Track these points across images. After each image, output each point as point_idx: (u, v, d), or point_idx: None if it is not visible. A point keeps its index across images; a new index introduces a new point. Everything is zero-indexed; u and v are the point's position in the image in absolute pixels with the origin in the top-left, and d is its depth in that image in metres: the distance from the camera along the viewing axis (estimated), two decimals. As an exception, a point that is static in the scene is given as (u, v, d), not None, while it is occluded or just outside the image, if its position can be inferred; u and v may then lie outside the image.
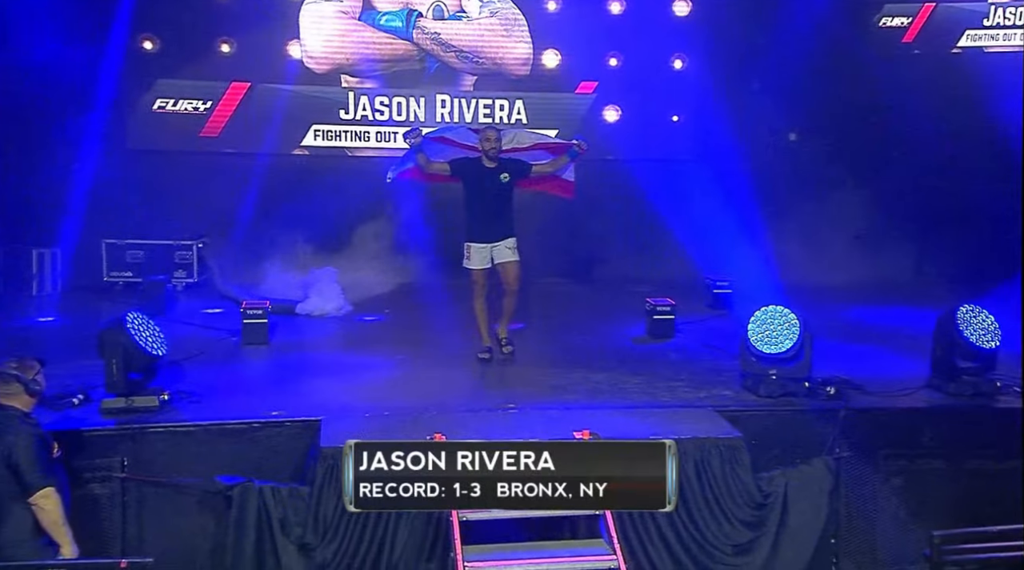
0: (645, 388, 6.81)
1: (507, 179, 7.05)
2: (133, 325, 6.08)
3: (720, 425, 6.04)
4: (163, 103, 10.47)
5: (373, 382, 6.92)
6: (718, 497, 5.80)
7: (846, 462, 6.10)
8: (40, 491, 4.51)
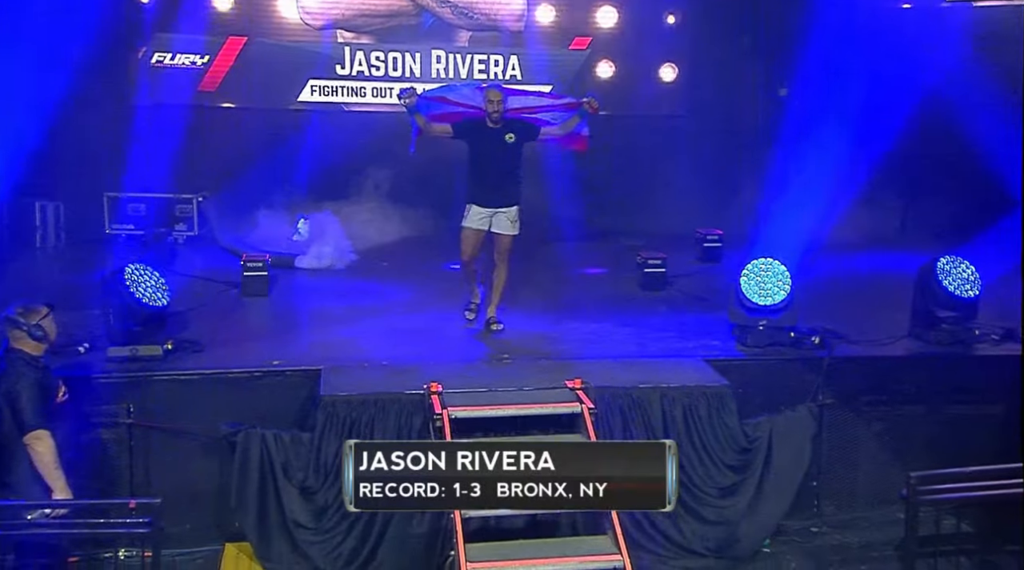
0: (636, 339, 7.00)
1: (512, 140, 6.65)
2: (131, 277, 6.22)
3: (707, 374, 6.25)
4: (160, 57, 10.52)
5: (371, 333, 7.08)
6: (705, 442, 6.01)
7: (829, 408, 6.34)
8: (32, 433, 4.61)
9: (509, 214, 6.76)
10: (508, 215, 6.75)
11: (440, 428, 5.48)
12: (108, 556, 5.62)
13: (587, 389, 5.76)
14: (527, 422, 5.59)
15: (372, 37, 11.05)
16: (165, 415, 5.92)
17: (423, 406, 5.71)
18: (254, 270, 8.05)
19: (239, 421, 5.80)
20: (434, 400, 5.64)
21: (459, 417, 5.51)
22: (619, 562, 4.81)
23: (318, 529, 5.69)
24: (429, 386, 5.73)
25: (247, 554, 5.81)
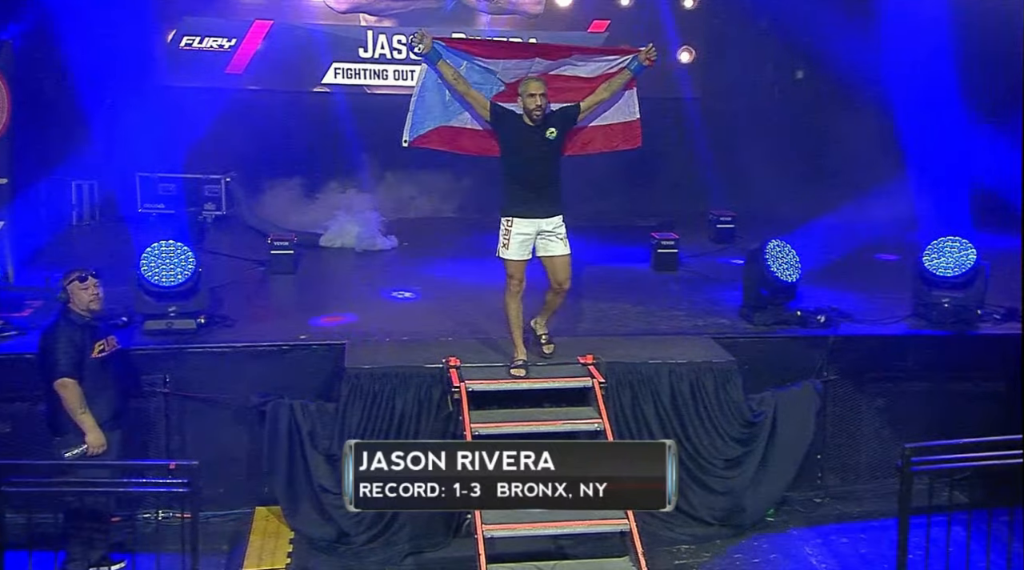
0: (647, 317, 7.25)
1: (555, 135, 5.61)
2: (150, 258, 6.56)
3: (715, 350, 6.49)
4: (189, 40, 10.82)
5: (393, 311, 7.38)
6: (711, 415, 6.26)
7: (832, 385, 6.58)
8: (58, 380, 5.16)
9: (556, 228, 5.73)
10: (556, 229, 5.73)
11: (458, 400, 5.78)
12: (148, 516, 6.04)
13: (598, 364, 6.03)
14: (540, 395, 5.86)
15: (394, 20, 11.28)
16: (199, 385, 6.25)
17: (442, 379, 5.99)
18: (281, 249, 8.36)
19: (268, 391, 6.12)
20: (452, 374, 5.93)
21: (476, 390, 5.80)
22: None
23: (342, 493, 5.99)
24: (448, 360, 6.02)
25: (276, 516, 6.17)
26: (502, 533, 5.10)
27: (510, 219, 5.67)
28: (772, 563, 5.89)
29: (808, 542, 6.11)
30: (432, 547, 5.98)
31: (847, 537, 6.15)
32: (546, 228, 5.71)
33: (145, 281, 6.53)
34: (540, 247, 5.74)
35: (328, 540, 6.00)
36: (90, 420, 5.17)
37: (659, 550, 5.79)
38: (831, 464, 6.64)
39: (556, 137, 5.62)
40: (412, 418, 6.04)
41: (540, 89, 5.53)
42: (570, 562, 5.26)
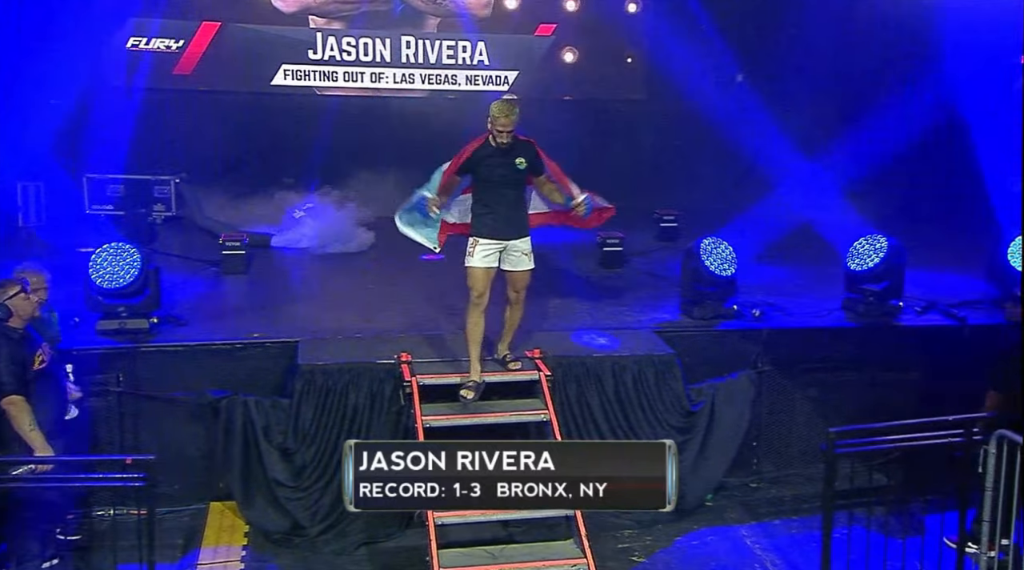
0: (593, 312, 7.50)
1: (523, 166, 5.71)
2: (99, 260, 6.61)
3: (656, 344, 6.79)
4: (136, 41, 10.79)
5: (345, 308, 7.51)
6: (653, 406, 6.55)
7: (767, 375, 6.91)
8: (7, 398, 4.99)
9: (524, 246, 5.82)
10: (523, 247, 5.82)
11: (409, 395, 5.97)
12: (102, 513, 6.11)
13: (545, 358, 6.28)
14: (489, 388, 6.07)
15: (343, 23, 11.39)
16: (153, 384, 6.33)
17: (394, 374, 6.17)
18: (232, 249, 8.44)
19: (223, 389, 6.23)
20: (404, 369, 6.12)
21: (427, 384, 6.00)
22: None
23: (297, 487, 6.16)
24: (399, 356, 6.22)
25: (231, 511, 6.29)
26: (453, 520, 5.30)
27: (475, 240, 5.76)
28: (710, 545, 6.20)
29: (744, 524, 6.43)
30: (385, 537, 6.16)
31: (780, 518, 6.50)
32: (512, 247, 5.80)
33: (92, 283, 6.58)
34: (505, 261, 5.81)
35: (283, 532, 6.14)
36: (40, 438, 5.03)
37: (603, 534, 6.04)
38: (766, 451, 6.97)
39: (524, 167, 5.72)
40: (365, 413, 6.21)
41: (509, 126, 5.58)
42: (518, 546, 5.47)
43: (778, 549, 6.14)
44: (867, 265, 7.25)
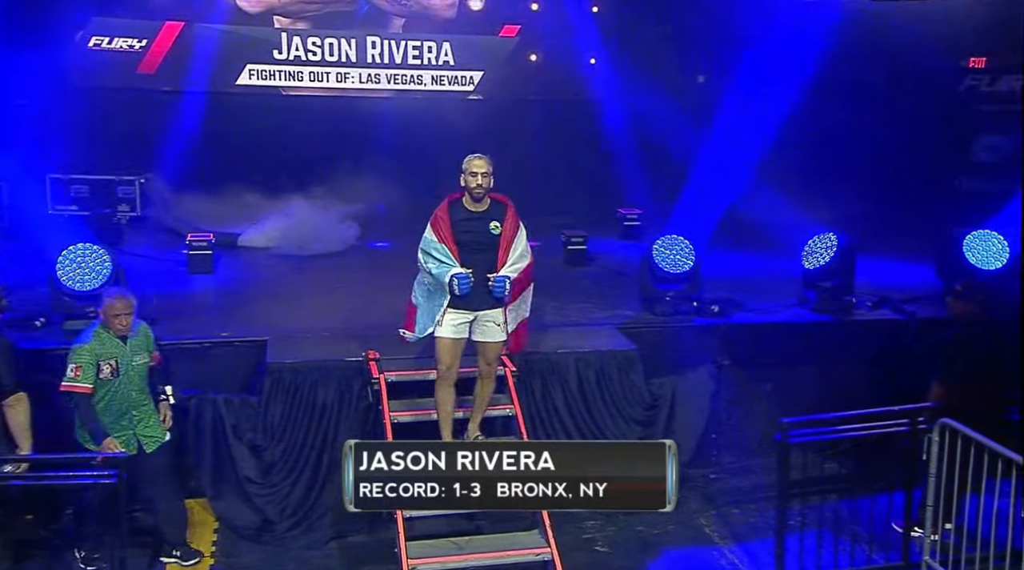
0: (559, 309, 7.66)
1: (498, 231, 5.30)
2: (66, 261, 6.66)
3: (619, 340, 6.98)
4: (98, 40, 10.74)
5: (313, 307, 7.59)
6: (615, 399, 6.73)
7: (726, 369, 7.12)
8: (15, 395, 5.22)
9: (496, 316, 5.39)
10: (494, 317, 5.39)
11: (377, 391, 6.08)
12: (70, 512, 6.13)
13: (510, 355, 6.41)
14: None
15: (308, 23, 11.44)
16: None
17: (362, 371, 6.28)
18: (199, 249, 8.48)
19: (192, 387, 6.28)
20: (372, 366, 6.22)
21: (394, 381, 6.11)
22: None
23: (266, 483, 6.24)
24: (367, 353, 6.31)
25: (202, 507, 6.35)
26: (420, 514, 5.37)
27: (443, 309, 5.32)
28: (671, 534, 6.38)
29: (703, 514, 6.62)
30: (354, 532, 6.26)
31: (738, 508, 6.70)
32: (485, 316, 5.38)
33: (61, 285, 6.60)
34: (476, 331, 5.40)
35: (252, 528, 6.22)
36: (29, 439, 5.27)
37: (567, 525, 6.18)
38: (725, 442, 7.17)
39: (500, 232, 5.31)
40: (333, 409, 6.32)
41: (483, 167, 5.25)
42: (484, 537, 5.59)
43: (736, 537, 6.34)
44: (820, 263, 7.51)
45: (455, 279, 5.18)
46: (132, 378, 5.50)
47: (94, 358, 5.36)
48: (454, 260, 5.25)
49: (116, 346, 5.45)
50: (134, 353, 5.51)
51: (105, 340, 5.43)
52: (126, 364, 5.46)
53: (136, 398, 5.53)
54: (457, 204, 5.37)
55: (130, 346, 5.51)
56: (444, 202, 5.39)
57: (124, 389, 5.47)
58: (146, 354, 5.59)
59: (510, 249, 5.33)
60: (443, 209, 5.36)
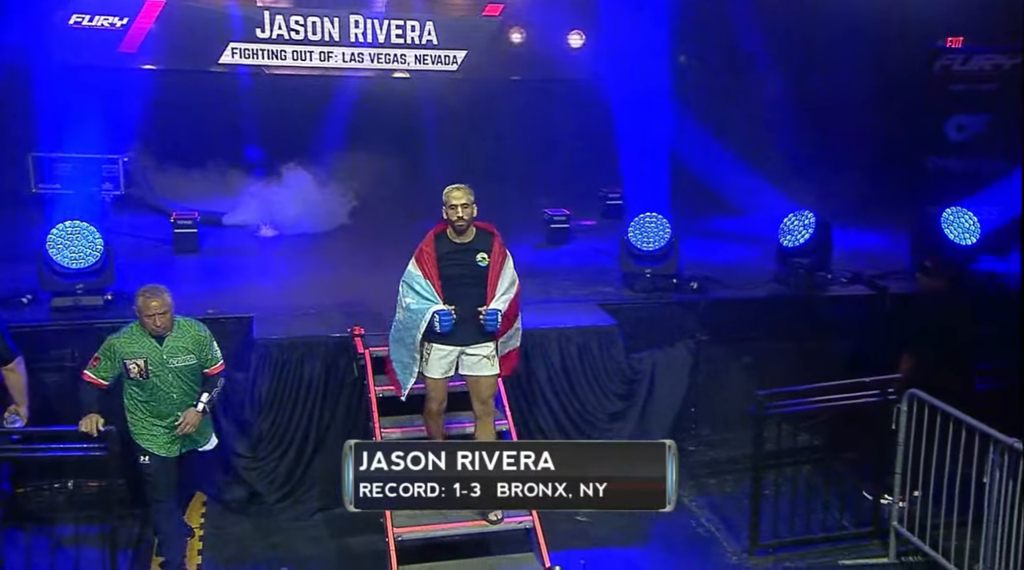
0: (541, 287, 7.78)
1: (485, 262, 5.11)
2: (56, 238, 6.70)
3: (600, 316, 7.12)
4: (79, 18, 10.68)
5: (297, 285, 7.68)
6: (596, 374, 6.89)
7: (704, 345, 7.28)
8: (16, 359, 5.38)
9: (484, 349, 5.16)
10: (482, 352, 5.16)
11: (363, 367, 6.17)
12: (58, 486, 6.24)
13: (500, 376, 6.46)
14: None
15: (291, 1, 11.41)
16: (108, 360, 6.42)
17: (347, 347, 6.38)
18: (184, 227, 8.53)
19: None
20: (357, 342, 6.32)
21: (380, 356, 6.19)
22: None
23: (254, 457, 6.36)
24: (352, 329, 6.40)
25: (190, 482, 6.43)
26: None
27: (429, 346, 5.12)
28: (650, 504, 6.55)
29: (682, 485, 6.71)
30: (340, 504, 6.36)
31: (715, 478, 6.89)
32: (472, 351, 5.16)
33: (53, 263, 6.65)
34: (463, 365, 5.18)
35: (240, 501, 6.34)
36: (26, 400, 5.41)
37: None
38: (703, 416, 7.35)
39: (486, 264, 5.13)
40: (320, 385, 6.43)
41: (463, 198, 5.03)
42: None
43: (712, 506, 6.53)
44: (798, 241, 7.66)
45: (436, 316, 4.99)
46: (168, 380, 5.16)
47: (117, 355, 5.12)
48: (437, 297, 5.06)
49: (147, 346, 5.13)
50: (171, 355, 5.16)
51: (136, 338, 5.15)
52: (158, 365, 5.13)
53: (179, 401, 5.21)
54: (443, 237, 5.13)
55: (167, 347, 5.16)
56: (430, 235, 5.16)
57: (160, 391, 5.17)
58: (189, 356, 5.21)
59: (498, 281, 5.13)
60: (428, 242, 5.13)
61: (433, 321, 4.99)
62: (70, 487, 6.24)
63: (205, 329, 5.37)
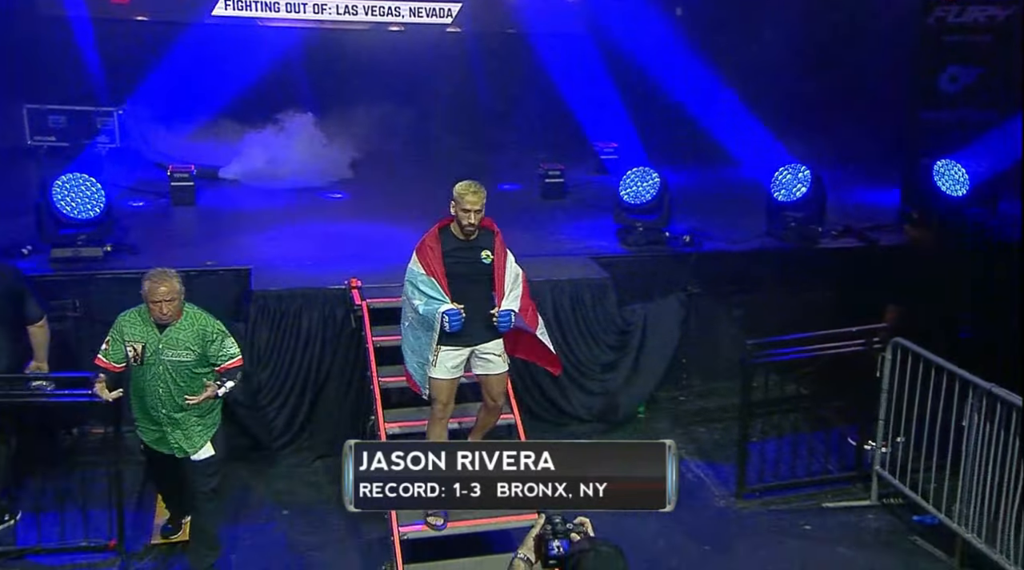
0: (534, 241, 7.83)
1: (490, 259, 4.98)
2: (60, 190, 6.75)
3: (593, 269, 7.21)
4: (72, -31, 10.55)
5: (294, 238, 7.75)
6: (589, 326, 7.01)
7: (696, 297, 7.39)
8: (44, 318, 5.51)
9: (494, 347, 5.06)
10: (494, 348, 5.06)
11: (360, 318, 6.28)
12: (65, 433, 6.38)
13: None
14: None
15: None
16: (110, 310, 6.47)
17: (345, 299, 6.48)
18: (181, 181, 8.56)
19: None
20: (354, 293, 6.42)
21: (376, 308, 6.32)
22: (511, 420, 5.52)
23: (254, 406, 6.49)
24: (350, 281, 6.48)
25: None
26: (397, 430, 5.64)
27: (437, 348, 4.96)
28: (641, 451, 6.72)
29: (671, 432, 6.98)
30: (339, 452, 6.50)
31: (704, 427, 7.06)
32: (482, 350, 5.05)
33: (59, 213, 6.72)
34: (475, 366, 5.10)
35: (242, 448, 6.48)
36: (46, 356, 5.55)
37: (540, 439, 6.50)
38: (694, 366, 7.50)
39: (491, 261, 4.99)
40: (318, 336, 6.55)
41: (478, 203, 4.85)
42: None
43: (702, 452, 6.71)
44: (793, 196, 7.72)
45: (446, 316, 4.81)
46: (158, 372, 4.82)
47: (122, 335, 4.86)
48: (444, 295, 4.87)
49: (146, 332, 4.82)
50: (168, 347, 4.80)
51: (138, 321, 4.86)
52: (153, 354, 4.80)
53: (164, 398, 4.86)
54: (447, 232, 4.96)
55: (166, 337, 4.81)
56: (434, 229, 4.99)
57: (150, 383, 4.85)
58: (187, 352, 4.83)
59: (504, 278, 4.98)
60: (433, 237, 4.96)
61: (443, 322, 4.83)
62: (75, 434, 6.37)
63: (215, 324, 4.98)
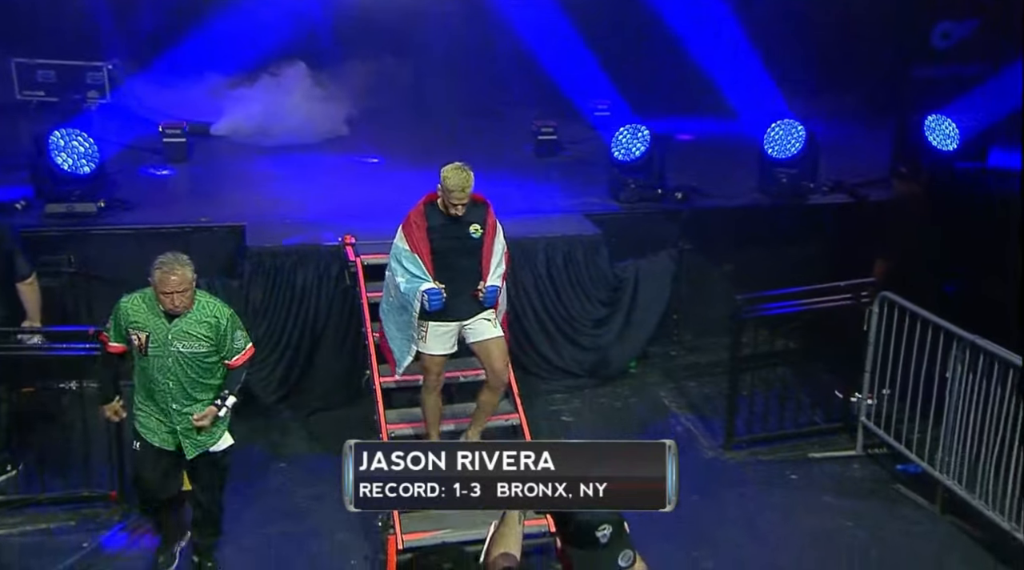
0: (527, 197, 7.88)
1: (479, 233, 4.95)
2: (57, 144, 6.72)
3: (585, 226, 7.26)
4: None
5: (287, 194, 7.76)
6: (581, 282, 7.08)
7: (687, 253, 7.45)
8: (33, 275, 5.46)
9: (484, 315, 5.03)
10: (484, 316, 5.03)
11: (354, 274, 6.33)
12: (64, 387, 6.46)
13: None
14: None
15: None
16: (104, 266, 6.57)
17: (339, 255, 6.52)
18: (173, 137, 8.53)
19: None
20: (348, 250, 6.47)
21: (371, 264, 6.36)
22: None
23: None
24: (344, 237, 6.53)
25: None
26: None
27: (424, 324, 4.95)
28: (631, 405, 6.86)
29: (662, 387, 7.10)
30: (335, 405, 6.64)
31: (695, 381, 7.17)
32: (470, 321, 5.02)
33: (56, 167, 6.71)
34: (467, 335, 5.04)
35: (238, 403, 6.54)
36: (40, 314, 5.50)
37: (535, 399, 6.63)
38: (685, 322, 7.59)
39: (480, 235, 4.97)
40: (312, 292, 6.60)
41: (464, 197, 4.81)
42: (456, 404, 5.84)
43: (692, 406, 6.83)
44: (788, 153, 7.74)
45: (426, 295, 4.82)
46: (167, 364, 4.50)
47: (123, 320, 4.57)
48: (426, 273, 4.87)
49: (153, 321, 4.49)
50: (177, 337, 4.48)
51: (142, 308, 4.54)
52: (160, 345, 4.48)
53: (174, 391, 4.55)
54: (433, 207, 4.91)
55: (174, 328, 4.48)
56: (419, 205, 4.94)
57: (158, 375, 4.53)
58: (199, 343, 4.53)
59: (492, 254, 4.98)
60: (418, 213, 4.91)
61: (423, 301, 4.83)
62: (73, 388, 6.44)
63: (229, 314, 4.69)
